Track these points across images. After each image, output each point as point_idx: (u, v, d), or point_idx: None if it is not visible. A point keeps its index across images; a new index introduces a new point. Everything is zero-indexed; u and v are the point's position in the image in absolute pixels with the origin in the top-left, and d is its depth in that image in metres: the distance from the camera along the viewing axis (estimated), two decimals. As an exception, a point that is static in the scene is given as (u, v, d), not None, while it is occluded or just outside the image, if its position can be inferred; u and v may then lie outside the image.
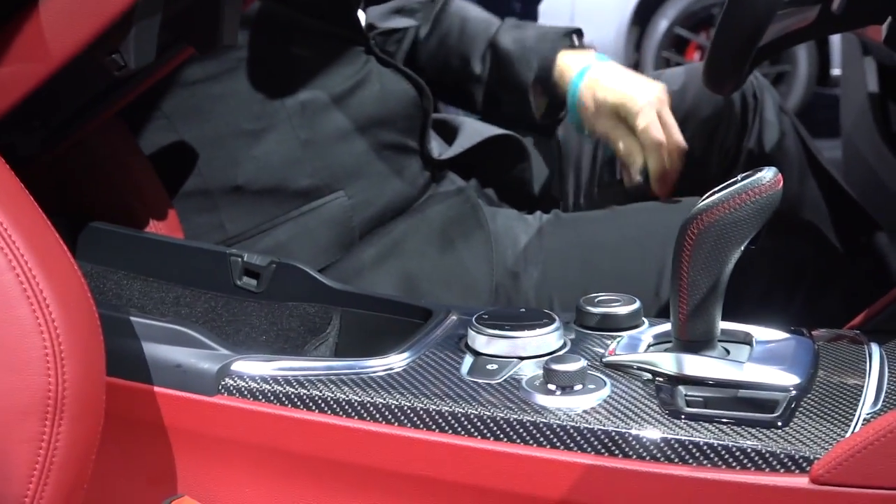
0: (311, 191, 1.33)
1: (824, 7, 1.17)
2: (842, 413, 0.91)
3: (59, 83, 1.02)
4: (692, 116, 1.55)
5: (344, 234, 1.32)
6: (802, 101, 4.83)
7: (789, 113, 1.57)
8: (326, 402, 0.99)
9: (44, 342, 0.84)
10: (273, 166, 1.33)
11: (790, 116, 1.57)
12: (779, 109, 1.55)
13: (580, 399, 0.94)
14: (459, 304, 1.21)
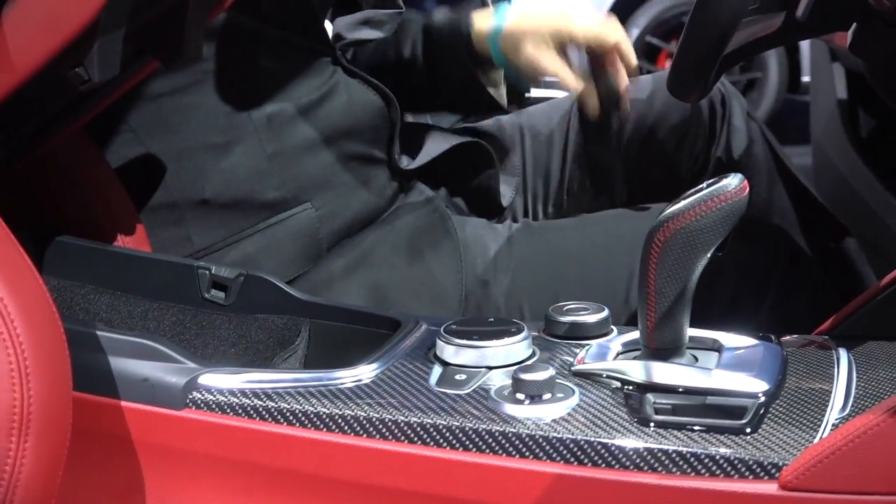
0: (278, 203, 1.33)
1: (789, 14, 1.18)
2: (810, 419, 0.92)
3: (23, 97, 1.01)
4: (661, 123, 1.55)
5: (311, 245, 1.32)
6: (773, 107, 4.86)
7: (757, 120, 1.57)
8: (295, 414, 0.98)
9: (8, 357, 0.83)
10: (240, 179, 1.32)
11: (758, 123, 1.57)
12: (747, 116, 1.55)
13: (549, 408, 0.94)
14: (429, 313, 1.21)
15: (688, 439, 0.90)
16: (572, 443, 0.91)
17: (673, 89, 1.24)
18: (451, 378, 1.00)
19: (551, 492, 0.91)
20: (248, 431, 0.99)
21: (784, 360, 1.01)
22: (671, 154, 1.55)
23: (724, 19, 1.10)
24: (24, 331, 0.84)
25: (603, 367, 1.00)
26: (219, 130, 1.31)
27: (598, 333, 1.07)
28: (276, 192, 1.32)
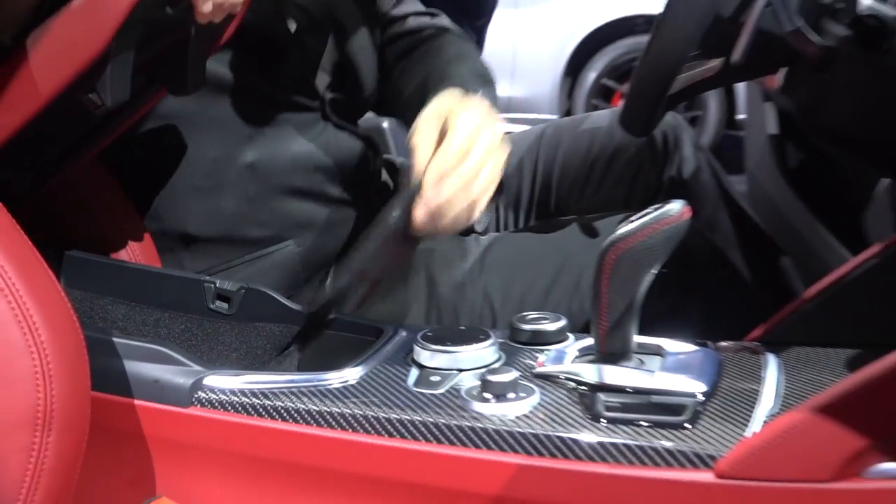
0: (261, 240, 1.31)
1: (726, 59, 1.19)
2: (742, 416, 0.92)
3: (45, 123, 1.01)
4: (619, 152, 1.54)
5: (292, 277, 1.30)
6: (713, 141, 4.87)
7: (704, 150, 1.58)
8: (288, 411, 0.98)
9: (33, 362, 0.83)
10: (223, 218, 1.30)
11: (705, 153, 1.57)
12: (695, 146, 1.55)
13: (513, 406, 0.94)
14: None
15: (635, 433, 0.90)
16: (533, 437, 0.91)
17: (624, 124, 1.24)
18: (426, 379, 1.01)
19: (515, 480, 0.91)
20: (247, 427, 0.99)
21: (720, 363, 1.02)
22: (629, 180, 1.55)
23: (669, 64, 1.11)
24: (48, 338, 0.84)
25: (560, 370, 1.00)
26: (203, 175, 1.29)
27: (557, 340, 1.08)
28: (259, 230, 1.31)
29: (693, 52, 1.12)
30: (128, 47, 1.00)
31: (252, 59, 1.29)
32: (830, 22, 1.15)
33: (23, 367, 0.83)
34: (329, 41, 1.38)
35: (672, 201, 0.92)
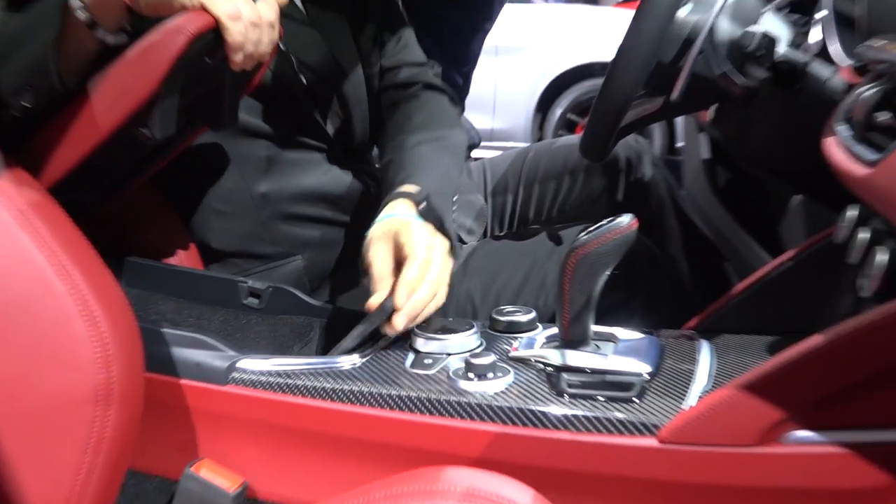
0: (270, 255, 1.29)
1: (666, 98, 1.17)
2: (680, 391, 0.91)
3: (105, 153, 1.00)
4: (591, 168, 1.53)
5: (299, 287, 1.26)
6: (658, 159, 4.88)
7: (662, 167, 1.56)
8: (308, 389, 0.97)
9: (95, 350, 0.82)
10: (237, 237, 1.28)
11: (662, 170, 1.56)
12: (653, 164, 1.54)
13: (492, 384, 0.93)
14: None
15: (592, 406, 0.89)
16: (508, 409, 0.90)
17: (583, 152, 1.23)
18: (421, 362, 1.00)
19: (493, 445, 0.90)
20: (274, 402, 0.98)
21: (662, 348, 1.01)
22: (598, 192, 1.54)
23: (620, 102, 1.10)
24: (108, 329, 0.83)
25: (531, 354, 0.99)
26: (221, 200, 1.27)
27: (528, 329, 1.07)
28: (269, 247, 1.29)
29: (639, 92, 1.11)
30: (173, 90, 0.99)
31: (269, 107, 1.27)
32: (752, 66, 1.14)
33: (87, 353, 0.82)
34: (336, 92, 1.35)
35: (622, 215, 0.91)
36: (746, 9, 1.16)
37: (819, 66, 1.14)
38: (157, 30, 0.94)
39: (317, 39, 1.32)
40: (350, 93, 1.35)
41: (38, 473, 0.81)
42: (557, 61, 5.23)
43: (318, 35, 1.32)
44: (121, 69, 0.96)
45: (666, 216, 1.50)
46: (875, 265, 0.78)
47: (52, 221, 0.85)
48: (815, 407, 0.80)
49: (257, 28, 0.97)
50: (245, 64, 0.98)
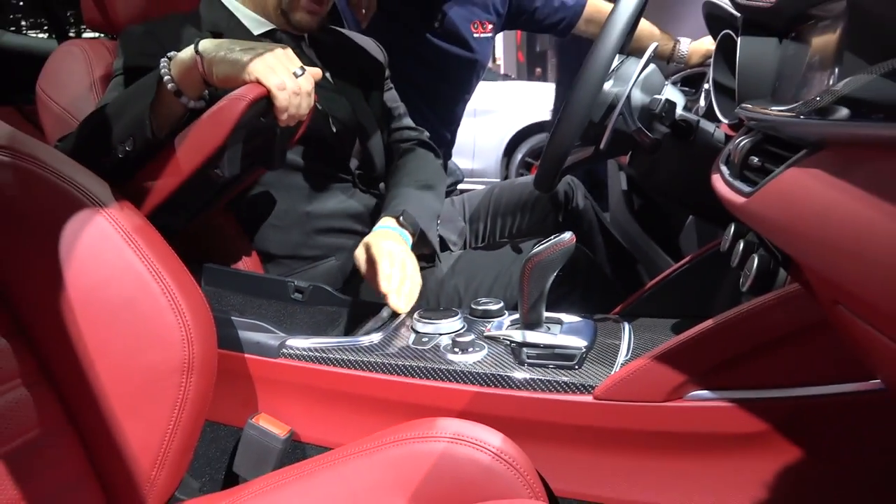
0: (313, 257, 1.26)
1: (596, 147, 1.15)
2: (609, 361, 0.89)
3: (188, 187, 0.98)
4: (539, 200, 1.52)
5: (333, 282, 1.25)
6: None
7: (589, 198, 1.55)
8: (338, 361, 0.95)
9: (181, 333, 0.80)
10: (290, 245, 1.25)
11: (590, 199, 1.54)
12: (584, 196, 1.53)
13: (471, 356, 0.91)
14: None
15: (545, 372, 0.87)
16: (484, 375, 0.88)
17: (536, 186, 1.21)
18: (420, 340, 0.97)
19: (472, 402, 0.88)
20: (313, 370, 0.96)
21: (595, 328, 0.98)
22: (544, 217, 1.52)
23: (562, 150, 1.08)
24: (190, 318, 0.81)
25: (500, 334, 0.97)
26: (278, 218, 1.24)
27: (498, 315, 1.04)
28: (312, 251, 1.26)
29: (576, 143, 1.09)
30: (237, 141, 0.97)
31: (309, 150, 1.25)
32: (658, 124, 1.13)
33: (175, 336, 0.80)
34: (357, 139, 1.33)
35: (565, 232, 0.89)
36: (653, 82, 1.14)
37: (707, 123, 1.13)
38: (225, 98, 0.92)
39: (342, 101, 1.31)
40: (367, 138, 1.34)
41: (139, 425, 0.78)
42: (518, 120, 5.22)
43: (343, 98, 1.31)
44: (199, 126, 0.95)
45: (594, 234, 1.48)
46: (750, 267, 0.77)
47: (149, 239, 0.83)
48: (709, 372, 0.78)
49: (298, 96, 0.95)
50: (289, 122, 0.96)
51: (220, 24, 1.22)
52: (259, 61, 0.92)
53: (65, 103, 1.22)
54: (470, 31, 1.90)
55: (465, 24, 1.89)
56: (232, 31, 1.21)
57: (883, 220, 0.40)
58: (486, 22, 1.92)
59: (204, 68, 0.94)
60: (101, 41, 1.29)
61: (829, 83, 0.61)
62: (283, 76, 0.93)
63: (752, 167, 0.73)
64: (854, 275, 0.44)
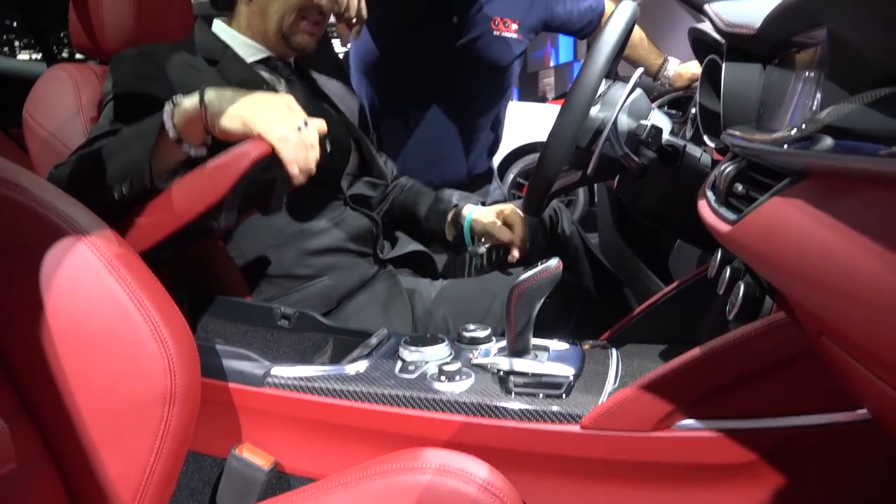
0: (307, 276, 1.25)
1: (584, 172, 1.16)
2: (597, 389, 0.88)
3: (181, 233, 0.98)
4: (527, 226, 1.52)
5: (326, 301, 1.24)
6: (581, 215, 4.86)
7: (575, 223, 1.55)
8: (323, 390, 0.93)
9: (163, 363, 0.78)
10: (284, 264, 1.24)
11: (576, 224, 1.55)
12: (570, 221, 1.53)
13: (458, 385, 0.90)
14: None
15: (532, 401, 0.86)
16: (470, 404, 0.87)
17: (525, 210, 1.21)
18: (406, 369, 0.95)
19: (459, 432, 0.86)
20: (297, 399, 0.94)
21: (583, 355, 0.97)
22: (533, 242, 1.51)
23: (550, 174, 1.08)
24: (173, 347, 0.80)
25: (487, 361, 0.95)
26: (273, 237, 1.24)
27: (485, 342, 1.02)
28: (305, 270, 1.25)
29: (564, 167, 1.09)
30: (237, 194, 0.96)
31: None
32: (645, 149, 1.13)
33: (157, 366, 0.78)
34: (349, 158, 1.35)
35: (551, 258, 0.89)
36: (639, 107, 1.15)
37: (693, 148, 1.13)
38: (229, 152, 0.92)
39: (335, 119, 1.34)
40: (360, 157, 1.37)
41: (120, 457, 0.77)
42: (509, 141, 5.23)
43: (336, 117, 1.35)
44: (200, 177, 0.94)
45: (580, 258, 1.48)
46: (737, 295, 0.76)
47: (132, 267, 0.82)
48: (696, 401, 0.78)
49: (303, 149, 0.93)
50: (301, 177, 0.95)
51: (215, 52, 1.22)
52: (261, 116, 0.91)
53: (52, 128, 1.21)
54: (490, 29, 1.83)
55: (486, 22, 1.82)
56: (227, 60, 1.22)
57: (863, 256, 0.40)
58: (509, 20, 1.85)
59: (207, 120, 0.93)
60: (90, 66, 1.29)
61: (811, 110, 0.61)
62: (286, 130, 0.91)
63: (737, 195, 0.73)
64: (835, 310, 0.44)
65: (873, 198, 0.42)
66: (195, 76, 1.17)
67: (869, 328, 0.40)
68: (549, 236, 1.52)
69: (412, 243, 1.39)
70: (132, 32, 1.23)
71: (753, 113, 0.88)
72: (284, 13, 1.22)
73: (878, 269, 0.38)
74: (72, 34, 1.28)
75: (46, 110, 1.22)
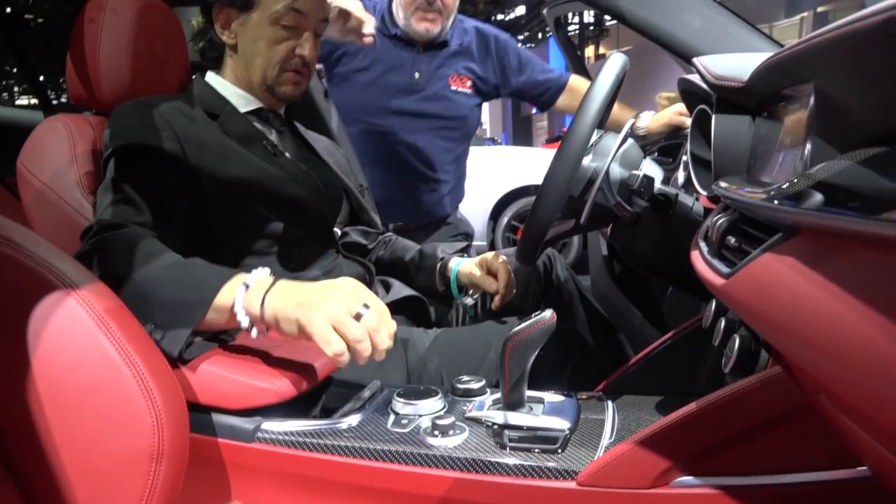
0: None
1: (577, 220, 1.16)
2: (593, 444, 0.86)
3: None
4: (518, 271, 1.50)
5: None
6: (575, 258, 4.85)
7: (569, 269, 1.55)
8: (314, 445, 0.91)
9: (151, 419, 0.77)
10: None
11: (570, 271, 1.54)
12: (564, 267, 1.53)
13: (452, 439, 0.88)
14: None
15: (528, 457, 0.84)
16: (465, 460, 0.85)
17: (518, 258, 1.21)
18: (399, 422, 0.93)
19: (453, 488, 0.84)
20: (288, 455, 0.92)
21: (578, 407, 0.95)
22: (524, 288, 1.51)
23: (544, 224, 1.08)
24: (162, 403, 0.78)
25: (481, 415, 0.93)
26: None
27: (479, 394, 1.00)
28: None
29: (557, 216, 1.09)
30: None
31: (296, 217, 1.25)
32: (637, 198, 1.14)
33: (145, 422, 0.77)
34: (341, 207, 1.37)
35: (545, 310, 0.88)
36: (631, 157, 1.16)
37: (685, 197, 1.14)
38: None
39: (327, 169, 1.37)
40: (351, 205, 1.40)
41: (105, 515, 0.75)
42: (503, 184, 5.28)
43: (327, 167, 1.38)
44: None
45: (575, 305, 1.48)
46: (732, 347, 0.76)
47: (121, 321, 0.81)
48: (694, 457, 0.76)
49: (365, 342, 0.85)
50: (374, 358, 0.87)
51: (215, 107, 1.23)
52: (318, 323, 0.83)
53: (46, 179, 1.21)
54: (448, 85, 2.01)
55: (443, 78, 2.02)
56: (227, 115, 1.22)
57: (857, 319, 0.39)
58: (465, 77, 2.02)
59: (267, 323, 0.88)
60: (85, 117, 1.30)
61: (801, 164, 0.62)
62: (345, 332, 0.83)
63: (730, 247, 0.73)
64: (829, 372, 0.43)
65: (867, 259, 0.42)
66: (197, 128, 1.17)
67: (864, 393, 0.39)
68: (543, 283, 1.51)
69: (406, 289, 1.38)
70: (128, 84, 1.24)
71: (744, 164, 0.89)
72: (268, 65, 1.23)
73: (873, 334, 0.38)
74: (68, 85, 1.29)
75: (41, 161, 1.22)
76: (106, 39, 1.22)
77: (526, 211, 5.21)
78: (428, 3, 1.93)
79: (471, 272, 1.38)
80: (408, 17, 1.96)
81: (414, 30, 1.96)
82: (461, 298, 1.42)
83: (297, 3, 1.20)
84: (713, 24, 1.18)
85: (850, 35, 0.45)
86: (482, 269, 1.37)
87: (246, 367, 0.94)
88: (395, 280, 1.41)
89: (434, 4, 1.93)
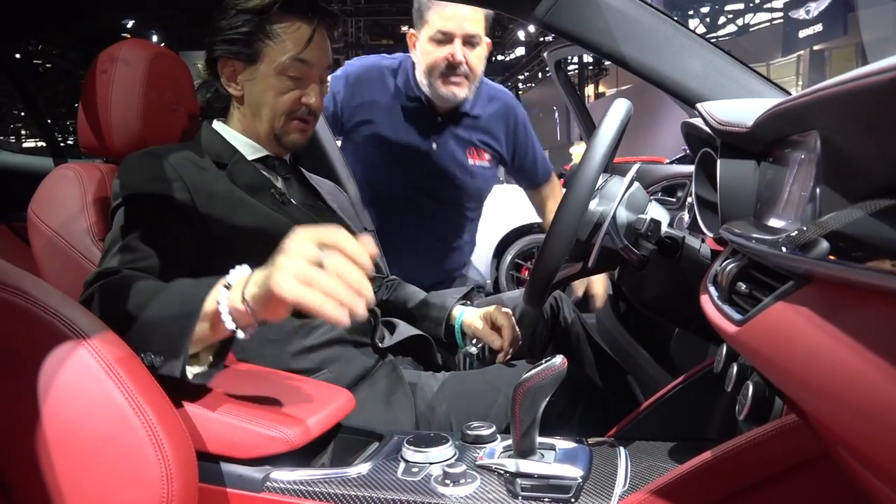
0: (308, 370, 1.21)
1: (584, 264, 1.16)
2: (606, 492, 0.85)
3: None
4: (524, 317, 1.51)
5: None
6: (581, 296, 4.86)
7: (576, 311, 1.55)
8: (324, 495, 0.90)
9: (160, 470, 0.77)
10: (284, 358, 1.21)
11: (577, 313, 1.54)
12: (571, 309, 1.53)
13: (463, 488, 0.87)
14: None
15: (540, 506, 0.83)
16: (476, 510, 0.83)
17: (526, 301, 1.20)
18: (409, 470, 0.92)
19: (465, 539, 0.83)
20: (297, 505, 0.91)
21: (590, 454, 0.94)
22: (531, 332, 1.51)
23: (551, 268, 1.08)
24: (171, 453, 0.79)
25: (492, 463, 0.92)
26: (273, 332, 1.20)
27: (490, 440, 0.99)
28: (306, 363, 1.22)
29: (565, 260, 1.10)
30: None
31: None
32: (644, 241, 1.14)
33: (154, 473, 0.77)
34: None
35: (556, 356, 0.88)
36: (637, 200, 1.17)
37: (692, 240, 1.14)
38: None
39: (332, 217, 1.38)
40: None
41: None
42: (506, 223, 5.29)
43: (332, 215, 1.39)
44: None
45: (583, 346, 1.47)
46: (745, 395, 0.75)
47: (132, 371, 0.81)
48: (709, 507, 0.75)
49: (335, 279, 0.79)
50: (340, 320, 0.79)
51: (223, 156, 1.24)
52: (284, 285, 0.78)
53: (56, 227, 1.22)
54: (465, 158, 1.98)
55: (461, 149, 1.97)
56: (235, 164, 1.24)
57: (873, 372, 0.39)
58: (483, 151, 1.99)
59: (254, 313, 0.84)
60: (96, 164, 1.32)
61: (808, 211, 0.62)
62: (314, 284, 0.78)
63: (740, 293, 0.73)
64: (848, 425, 0.43)
65: (882, 311, 0.42)
66: (207, 178, 1.18)
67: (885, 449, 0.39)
68: (550, 325, 1.51)
69: (411, 329, 1.38)
70: (139, 133, 1.26)
71: (750, 208, 0.89)
72: (275, 115, 1.24)
73: (891, 388, 0.38)
74: (79, 133, 1.31)
75: (51, 209, 1.24)
76: (118, 89, 1.24)
77: (529, 249, 5.22)
78: (451, 67, 1.81)
79: (474, 325, 1.38)
80: (432, 83, 1.84)
81: (439, 94, 1.84)
82: (465, 348, 1.41)
83: (302, 54, 1.22)
84: (714, 69, 1.20)
85: (856, 91, 0.46)
86: (486, 323, 1.37)
87: (255, 415, 0.93)
88: (399, 321, 1.41)
89: (459, 68, 1.82)
